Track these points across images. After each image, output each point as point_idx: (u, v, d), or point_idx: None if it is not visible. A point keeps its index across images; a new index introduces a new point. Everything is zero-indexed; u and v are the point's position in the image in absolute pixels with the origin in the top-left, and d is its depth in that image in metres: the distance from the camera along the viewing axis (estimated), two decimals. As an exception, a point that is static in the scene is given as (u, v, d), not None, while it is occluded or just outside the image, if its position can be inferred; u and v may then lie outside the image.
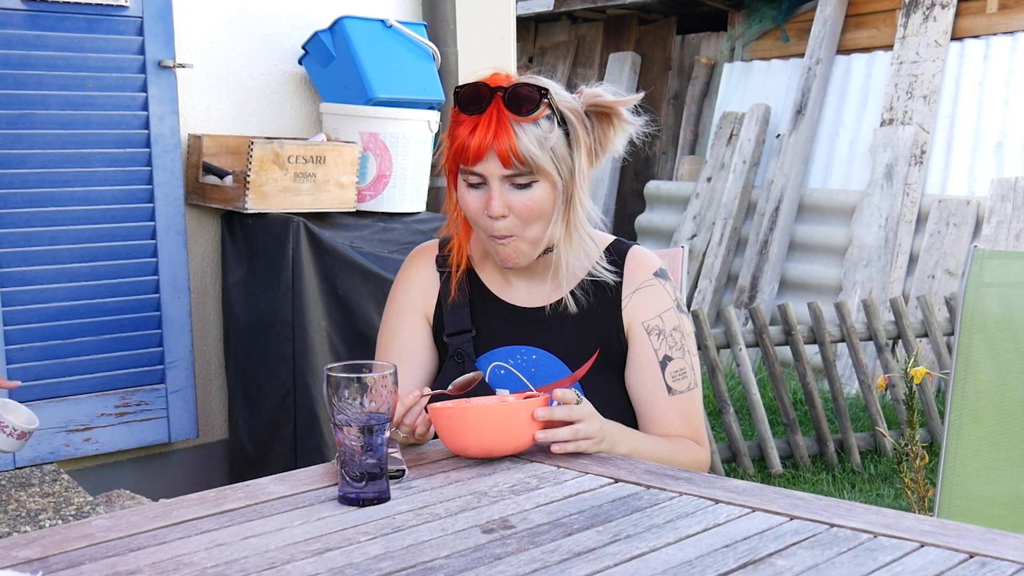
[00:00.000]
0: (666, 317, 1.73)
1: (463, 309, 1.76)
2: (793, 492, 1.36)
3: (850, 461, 4.22)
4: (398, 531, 1.23)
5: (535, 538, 1.20)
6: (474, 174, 1.62)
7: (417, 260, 1.83)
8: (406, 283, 1.82)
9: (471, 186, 1.64)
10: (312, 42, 3.25)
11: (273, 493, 1.38)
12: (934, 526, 1.22)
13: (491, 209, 1.62)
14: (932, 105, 5.65)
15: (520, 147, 1.59)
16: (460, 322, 1.76)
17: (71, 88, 2.87)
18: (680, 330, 1.73)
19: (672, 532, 1.21)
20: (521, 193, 1.62)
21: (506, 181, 1.62)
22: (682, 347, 1.73)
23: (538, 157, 1.60)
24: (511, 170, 1.60)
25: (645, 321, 1.72)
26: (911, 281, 5.45)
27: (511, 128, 1.59)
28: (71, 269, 2.90)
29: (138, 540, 1.21)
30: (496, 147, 1.59)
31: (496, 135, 1.58)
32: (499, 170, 1.61)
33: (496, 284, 1.78)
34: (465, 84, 1.63)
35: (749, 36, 6.69)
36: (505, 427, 1.49)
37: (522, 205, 1.63)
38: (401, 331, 1.80)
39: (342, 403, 1.32)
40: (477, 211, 1.65)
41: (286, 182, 2.98)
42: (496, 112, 1.59)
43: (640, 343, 1.72)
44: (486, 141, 1.58)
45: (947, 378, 2.02)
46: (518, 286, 1.77)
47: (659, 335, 1.72)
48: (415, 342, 1.79)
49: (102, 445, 2.97)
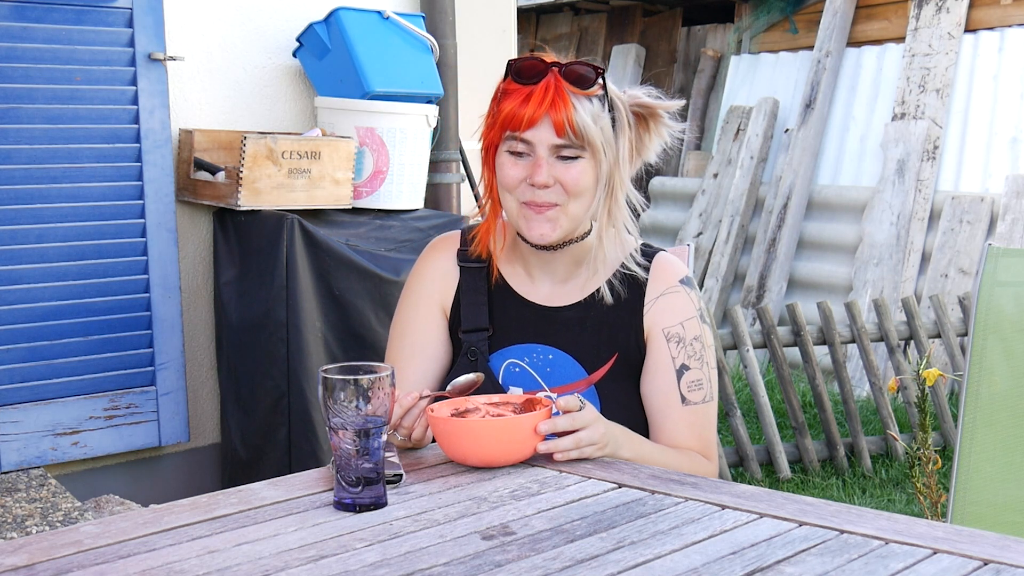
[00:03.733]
0: (688, 326, 1.73)
1: (481, 306, 1.76)
2: (802, 497, 1.36)
3: (861, 466, 4.22)
4: (395, 538, 1.23)
5: (536, 545, 1.20)
6: (523, 141, 1.64)
7: (437, 251, 1.83)
8: (424, 273, 1.81)
9: (514, 154, 1.66)
10: (307, 34, 3.25)
11: (266, 498, 1.38)
12: (947, 532, 1.22)
13: (537, 176, 1.63)
14: (945, 99, 5.65)
15: (576, 117, 1.62)
16: (477, 319, 1.76)
17: (59, 82, 2.87)
18: (701, 340, 1.73)
19: (677, 538, 1.21)
20: (568, 165, 1.65)
21: (554, 152, 1.64)
22: (701, 358, 1.73)
23: (591, 130, 1.63)
24: (563, 139, 1.63)
25: (666, 328, 1.72)
26: (923, 280, 5.45)
27: (569, 98, 1.62)
28: (58, 268, 2.90)
29: (128, 547, 1.21)
30: (552, 115, 1.62)
31: (553, 104, 1.62)
32: (551, 138, 1.63)
33: (518, 280, 1.78)
34: (519, 57, 1.67)
35: (757, 28, 6.69)
36: (507, 440, 1.49)
37: (569, 177, 1.65)
38: (416, 322, 1.79)
39: (337, 406, 1.31)
40: (516, 179, 1.66)
41: (280, 178, 2.98)
42: (554, 82, 1.63)
43: (658, 349, 1.72)
44: (542, 109, 1.62)
45: (961, 380, 2.02)
46: (541, 282, 1.77)
47: (679, 343, 1.72)
48: (430, 334, 1.78)
49: (90, 449, 2.96)
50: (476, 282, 1.77)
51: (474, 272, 1.78)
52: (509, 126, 1.64)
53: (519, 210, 1.68)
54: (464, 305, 1.77)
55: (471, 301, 1.77)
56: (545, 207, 1.66)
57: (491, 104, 1.69)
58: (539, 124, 1.63)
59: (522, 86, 1.64)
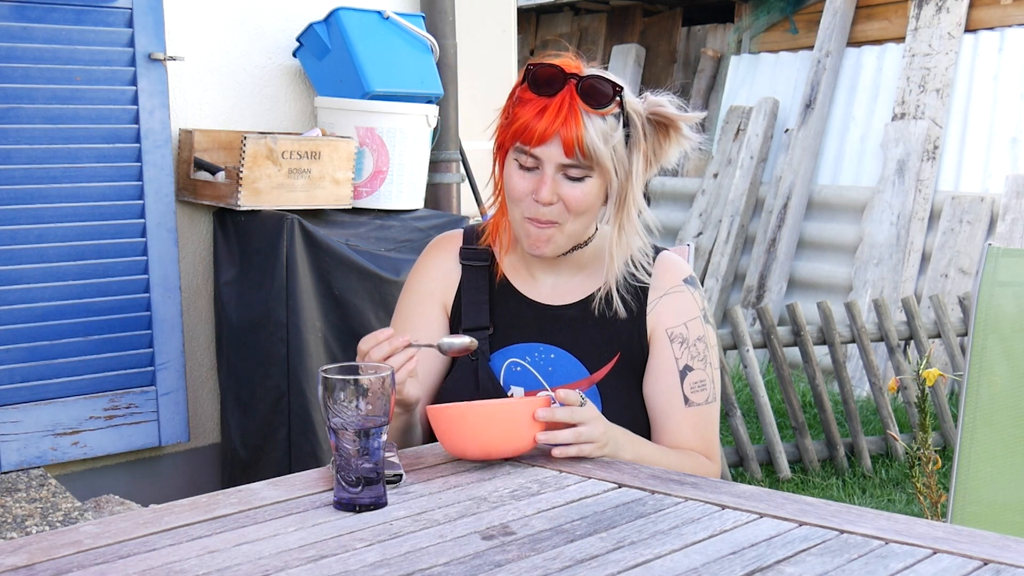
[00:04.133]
0: (691, 326, 1.73)
1: (482, 304, 1.76)
2: (802, 497, 1.36)
3: (861, 465, 4.22)
4: (395, 537, 1.23)
5: (536, 545, 1.20)
6: (532, 156, 1.63)
7: (439, 249, 1.82)
8: (426, 270, 1.81)
9: (522, 167, 1.65)
10: (307, 34, 3.25)
11: (266, 498, 1.38)
12: (947, 532, 1.22)
13: (541, 195, 1.62)
14: (945, 99, 5.65)
15: (587, 138, 1.60)
16: (478, 317, 1.76)
17: (58, 81, 2.87)
18: (704, 341, 1.73)
19: (677, 539, 1.21)
20: (573, 185, 1.64)
21: (561, 170, 1.63)
22: (704, 358, 1.72)
23: (601, 151, 1.61)
24: (571, 160, 1.62)
25: (669, 328, 1.72)
26: (924, 280, 5.45)
27: (581, 117, 1.60)
28: (58, 268, 2.90)
29: (127, 547, 1.21)
30: (563, 134, 1.60)
31: (565, 122, 1.60)
32: (559, 157, 1.62)
33: (520, 278, 1.78)
34: (539, 63, 1.64)
35: (757, 28, 6.69)
36: (505, 427, 1.48)
37: (572, 197, 1.64)
38: (417, 318, 1.78)
39: (337, 406, 1.32)
40: (522, 193, 1.65)
41: (280, 178, 2.98)
42: (568, 98, 1.60)
43: (661, 349, 1.72)
44: (554, 126, 1.60)
45: (961, 380, 2.02)
46: (543, 281, 1.77)
47: (682, 343, 1.72)
48: (431, 330, 1.77)
49: (90, 449, 2.96)
50: (478, 281, 1.77)
51: (476, 271, 1.78)
52: (521, 138, 1.63)
53: (521, 222, 1.68)
54: (465, 303, 1.77)
55: (472, 299, 1.76)
56: (545, 225, 1.66)
57: (507, 103, 1.67)
58: (549, 141, 1.61)
59: (538, 97, 1.62)
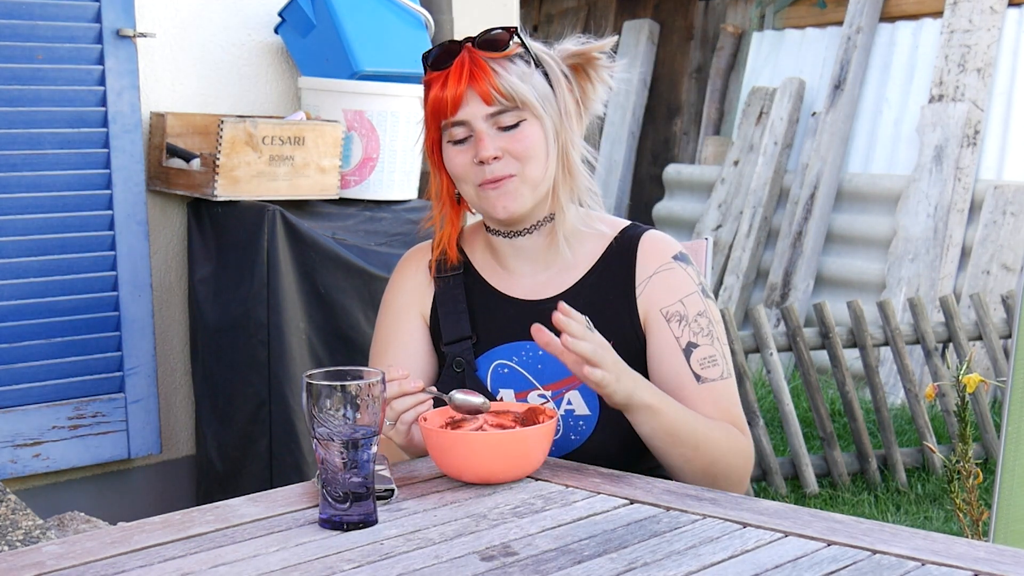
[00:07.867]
0: (688, 302, 1.73)
1: (460, 314, 1.80)
2: (831, 514, 1.36)
3: (895, 479, 4.23)
4: (386, 558, 1.23)
5: (540, 566, 1.20)
6: (458, 124, 1.70)
7: (410, 262, 1.88)
8: (400, 285, 1.87)
9: (456, 143, 1.71)
10: (290, 8, 3.25)
11: (245, 516, 1.38)
12: (989, 552, 1.22)
13: (482, 150, 1.68)
14: (987, 79, 5.65)
15: (500, 82, 1.68)
16: (457, 329, 1.80)
17: (18, 60, 2.87)
18: (707, 315, 1.73)
19: (694, 559, 1.21)
20: (510, 133, 1.70)
21: (492, 123, 1.69)
22: (710, 334, 1.72)
23: (520, 88, 1.69)
24: (494, 107, 1.68)
25: (664, 308, 1.73)
26: (963, 277, 5.45)
27: (487, 65, 1.68)
28: (18, 264, 2.90)
29: (94, 569, 1.21)
30: (475, 87, 1.68)
31: (473, 76, 1.68)
32: (482, 109, 1.69)
33: (497, 276, 1.81)
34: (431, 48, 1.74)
35: (781, 1, 6.69)
36: (507, 455, 1.50)
37: (513, 144, 1.70)
38: (399, 335, 1.83)
39: (323, 414, 1.32)
40: (465, 165, 1.71)
41: (260, 166, 2.99)
42: (468, 57, 1.69)
43: (659, 332, 1.73)
44: (463, 84, 1.68)
45: (1004, 386, 2.02)
46: (520, 273, 1.79)
47: (680, 321, 1.72)
48: (413, 346, 1.82)
49: (53, 462, 2.97)
50: (453, 290, 1.82)
51: (449, 281, 1.82)
52: (439, 114, 1.71)
53: (477, 193, 1.72)
54: (443, 316, 1.81)
55: (449, 311, 1.81)
56: (501, 180, 1.70)
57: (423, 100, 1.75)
58: (465, 100, 1.69)
59: (440, 72, 1.70)
